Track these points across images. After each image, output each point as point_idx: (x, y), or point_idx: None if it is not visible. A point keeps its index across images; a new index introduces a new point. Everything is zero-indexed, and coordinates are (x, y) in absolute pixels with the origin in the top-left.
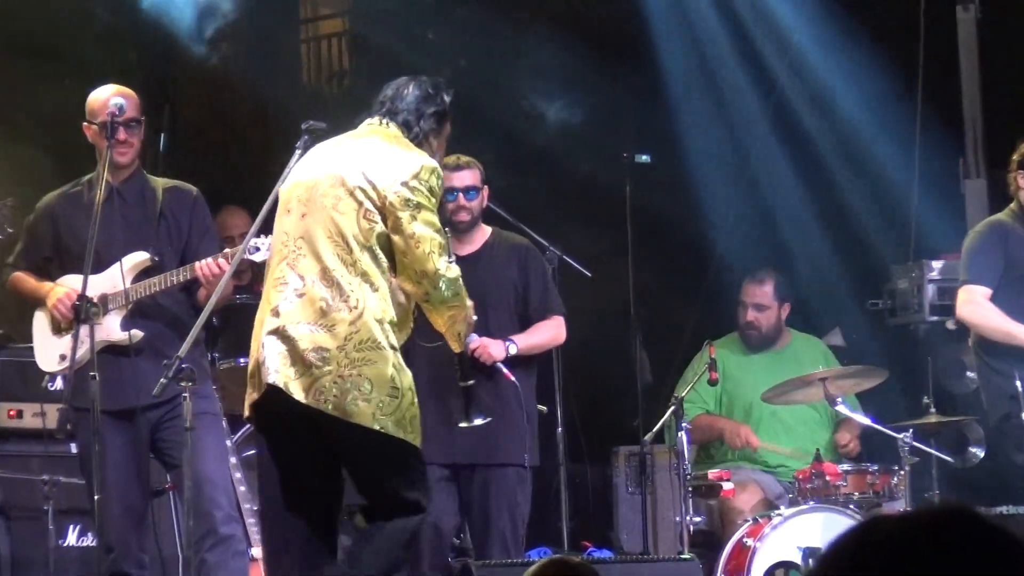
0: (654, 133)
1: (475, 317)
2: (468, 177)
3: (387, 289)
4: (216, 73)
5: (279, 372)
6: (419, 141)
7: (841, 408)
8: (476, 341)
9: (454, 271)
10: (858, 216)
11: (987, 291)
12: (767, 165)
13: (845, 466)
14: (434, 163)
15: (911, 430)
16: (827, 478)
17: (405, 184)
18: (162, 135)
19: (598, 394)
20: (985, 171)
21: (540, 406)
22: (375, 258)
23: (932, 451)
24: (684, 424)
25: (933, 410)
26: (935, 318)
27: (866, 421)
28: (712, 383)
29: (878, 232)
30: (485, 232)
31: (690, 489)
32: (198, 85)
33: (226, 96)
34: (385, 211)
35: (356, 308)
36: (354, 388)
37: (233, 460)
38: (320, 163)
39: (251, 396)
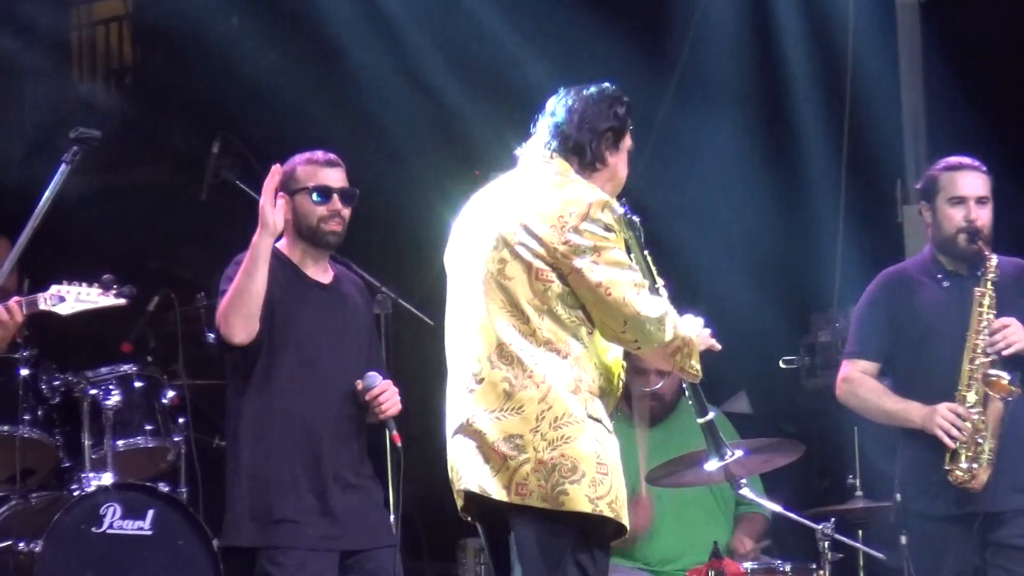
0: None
1: (705, 332)
2: (342, 177)
3: (582, 352)
4: None
5: (471, 474)
6: (594, 166)
7: (746, 492)
8: (383, 384)
9: (658, 307)
10: (769, 251)
11: (868, 365)
12: (662, 191)
13: (750, 564)
14: (602, 196)
15: (833, 519)
16: None
17: (575, 230)
18: None
19: (441, 472)
20: None
21: None
22: (558, 321)
23: (859, 545)
24: None
25: (860, 493)
26: None
27: (776, 508)
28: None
29: (794, 271)
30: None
31: None
32: None
33: None
34: (559, 265)
35: (544, 382)
36: (558, 472)
37: None
38: (478, 221)
39: (457, 500)
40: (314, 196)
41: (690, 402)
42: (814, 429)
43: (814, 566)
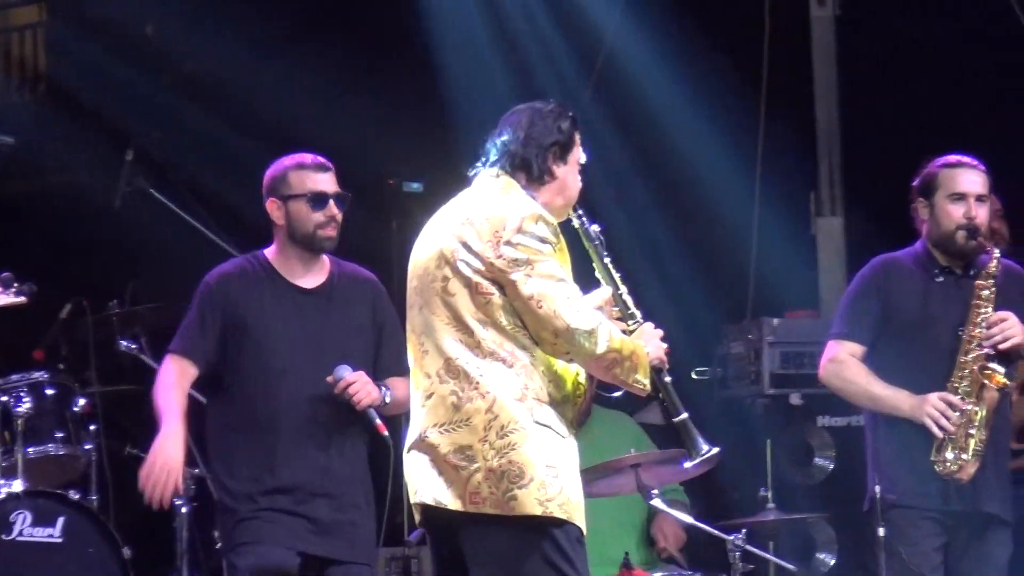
0: (429, 157)
1: (658, 349)
2: (334, 180)
3: (529, 361)
4: None
5: (427, 487)
6: (542, 180)
7: (657, 502)
8: (352, 375)
9: (590, 320)
10: (683, 261)
11: (856, 348)
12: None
13: (661, 574)
14: (536, 209)
15: (744, 530)
16: None
17: (509, 243)
18: None
19: None
20: (843, 207)
21: None
22: (503, 331)
23: (770, 557)
24: None
25: (772, 505)
26: (776, 391)
27: (688, 519)
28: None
29: (707, 282)
30: (325, 259)
31: None
32: None
33: None
34: (498, 278)
35: (489, 393)
36: (507, 479)
37: None
38: (427, 240)
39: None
40: (310, 202)
41: (664, 403)
42: (726, 440)
43: None
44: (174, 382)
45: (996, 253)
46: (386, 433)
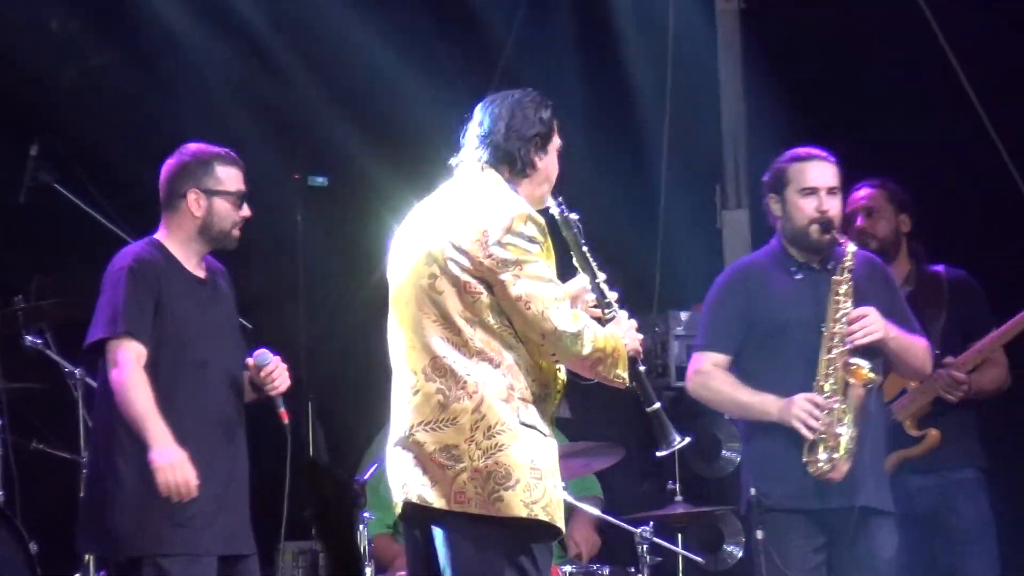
0: (333, 149)
1: (633, 340)
2: (243, 179)
3: (515, 360)
4: None
5: (412, 485)
6: (525, 173)
7: (564, 494)
8: (274, 360)
9: (576, 322)
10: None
11: (720, 358)
12: None
13: (568, 568)
14: (525, 208)
15: (651, 523)
16: None
17: (499, 243)
18: None
19: (259, 477)
20: (748, 199)
21: None
22: (490, 331)
23: (678, 549)
24: (365, 514)
25: (680, 498)
26: (683, 384)
27: (595, 512)
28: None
29: (614, 276)
30: None
31: None
32: None
33: None
34: (486, 277)
35: (476, 392)
36: (493, 480)
37: None
38: (411, 235)
39: (395, 510)
40: (235, 202)
41: (638, 393)
42: (633, 433)
43: (632, 569)
44: (143, 378)
45: (851, 247)
46: (287, 421)
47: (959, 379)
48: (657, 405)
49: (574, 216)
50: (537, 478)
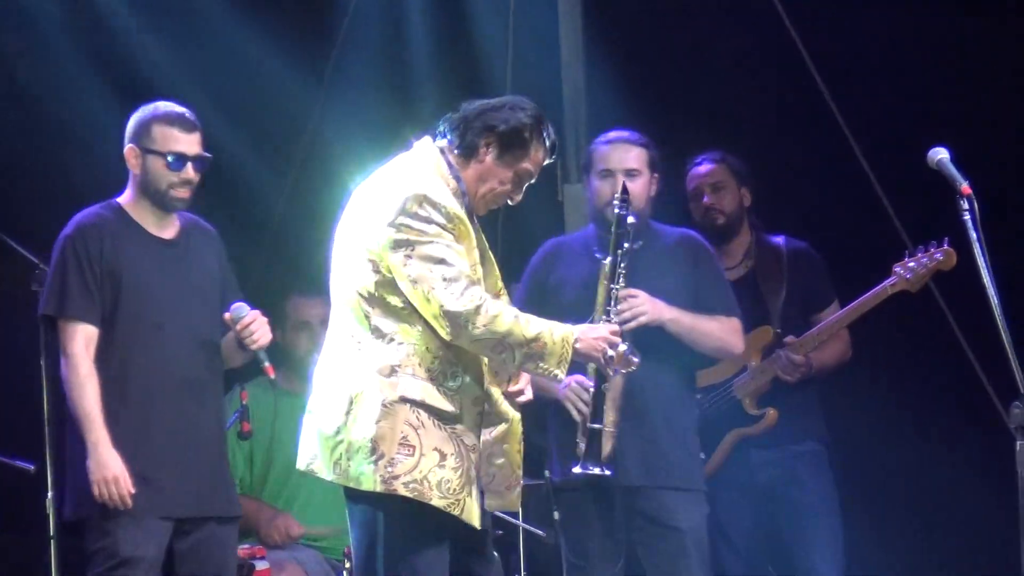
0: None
1: (593, 343)
2: (198, 142)
3: (417, 339)
4: None
5: (305, 453)
6: (467, 155)
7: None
8: (251, 313)
9: (469, 302)
10: None
11: None
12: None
13: None
14: (422, 190)
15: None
16: None
17: (392, 224)
18: None
19: None
20: None
21: None
22: (389, 309)
23: (517, 522)
24: None
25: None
26: None
27: None
28: (244, 436)
29: None
30: None
31: None
32: None
33: None
34: (385, 259)
35: (363, 367)
36: (361, 453)
37: None
38: (352, 207)
39: None
40: (168, 163)
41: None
42: None
43: None
44: (89, 374)
45: (629, 221)
46: (273, 376)
47: (797, 361)
48: (599, 426)
49: (631, 219)
50: (407, 454)
